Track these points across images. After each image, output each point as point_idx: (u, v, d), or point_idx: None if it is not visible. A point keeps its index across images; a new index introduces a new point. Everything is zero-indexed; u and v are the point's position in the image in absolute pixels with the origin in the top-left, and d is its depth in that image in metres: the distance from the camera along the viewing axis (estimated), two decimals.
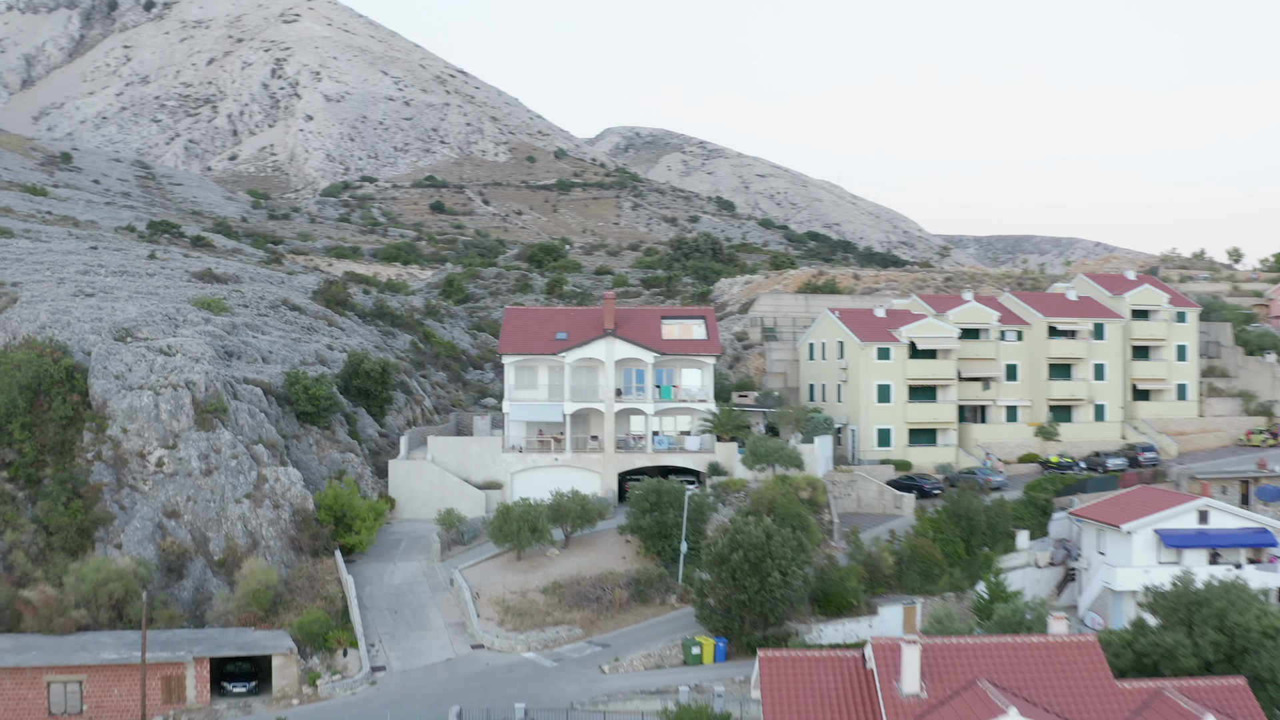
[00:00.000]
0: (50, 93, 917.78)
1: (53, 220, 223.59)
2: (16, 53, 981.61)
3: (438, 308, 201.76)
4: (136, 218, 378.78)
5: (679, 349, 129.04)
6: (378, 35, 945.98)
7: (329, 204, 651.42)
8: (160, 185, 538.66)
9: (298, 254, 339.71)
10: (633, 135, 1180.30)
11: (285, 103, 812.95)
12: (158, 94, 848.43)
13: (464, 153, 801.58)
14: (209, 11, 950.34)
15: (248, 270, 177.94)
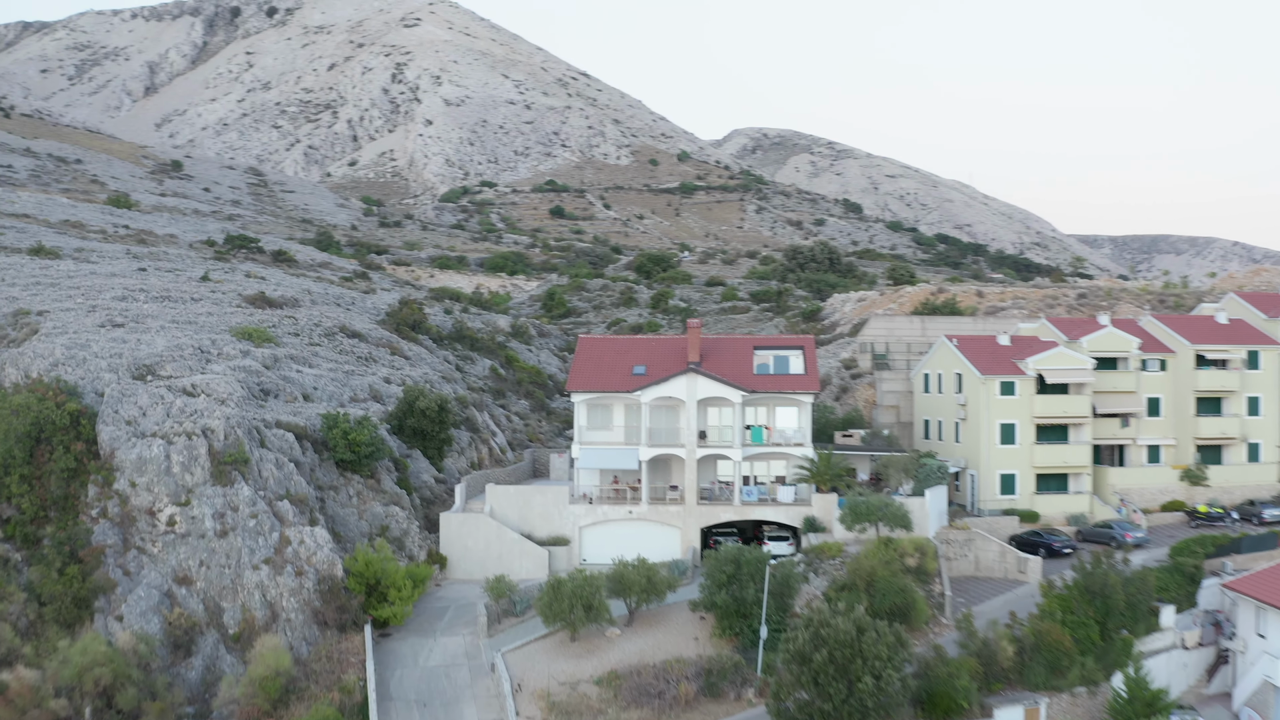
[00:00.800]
0: (172, 100, 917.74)
1: (127, 235, 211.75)
2: (140, 60, 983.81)
3: (524, 328, 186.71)
4: (227, 230, 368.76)
5: (772, 385, 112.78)
6: (499, 38, 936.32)
7: (446, 210, 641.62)
8: (272, 193, 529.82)
9: (400, 264, 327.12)
10: (760, 136, 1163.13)
11: (405, 107, 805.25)
12: (278, 100, 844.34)
13: (585, 156, 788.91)
14: (330, 17, 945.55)
15: (316, 291, 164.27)
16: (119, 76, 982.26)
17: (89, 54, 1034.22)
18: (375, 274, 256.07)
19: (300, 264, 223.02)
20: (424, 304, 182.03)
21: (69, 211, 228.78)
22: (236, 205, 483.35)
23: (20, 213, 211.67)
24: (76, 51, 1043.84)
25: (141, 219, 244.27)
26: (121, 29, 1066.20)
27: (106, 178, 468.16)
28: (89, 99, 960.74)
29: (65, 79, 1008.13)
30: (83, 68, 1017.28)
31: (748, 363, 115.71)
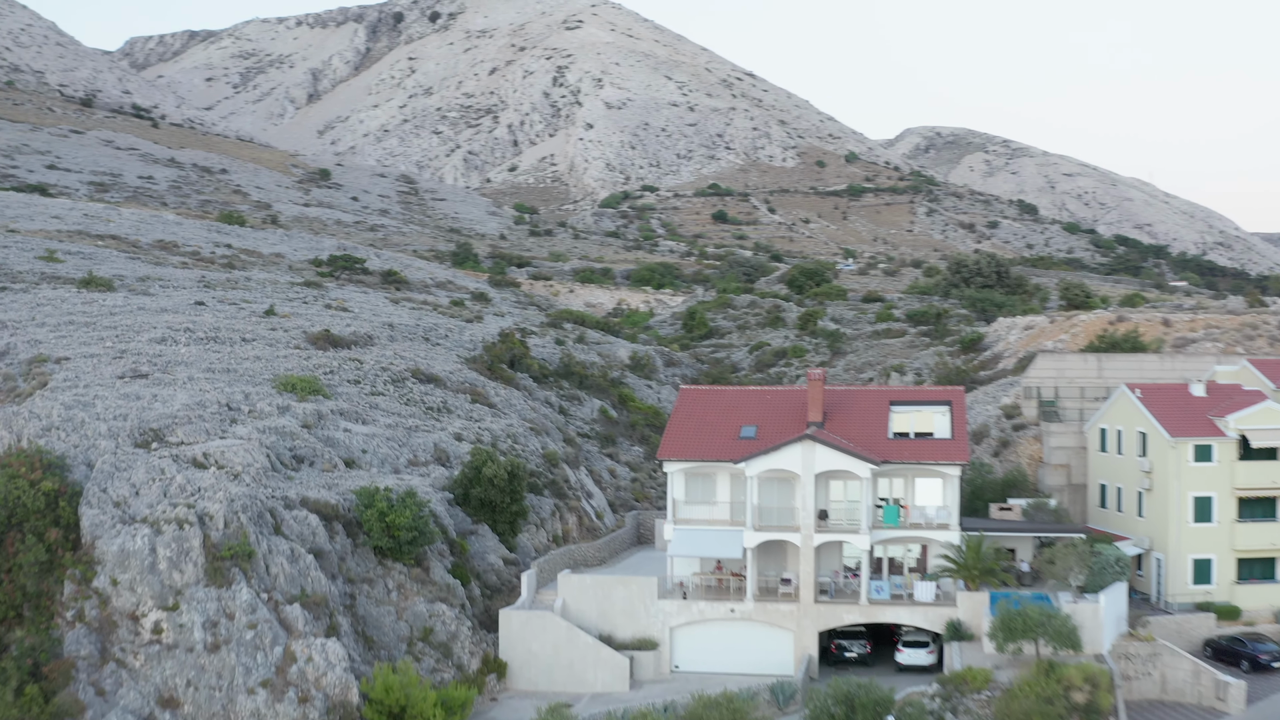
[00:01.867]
0: (335, 106, 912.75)
1: (220, 258, 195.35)
2: (304, 67, 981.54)
3: (646, 360, 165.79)
4: (345, 246, 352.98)
5: (911, 453, 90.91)
6: (663, 39, 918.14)
7: (605, 215, 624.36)
8: (422, 201, 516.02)
9: (539, 278, 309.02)
10: (933, 135, 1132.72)
11: (566, 111, 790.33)
12: (439, 105, 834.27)
13: (750, 159, 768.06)
14: (493, 20, 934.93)
15: (404, 323, 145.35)
16: (282, 84, 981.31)
17: (253, 62, 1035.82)
18: (503, 292, 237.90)
19: (413, 284, 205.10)
20: (535, 332, 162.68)
21: (169, 230, 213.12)
22: (384, 214, 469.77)
23: (112, 233, 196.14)
24: (241, 60, 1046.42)
25: (252, 236, 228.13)
26: (286, 36, 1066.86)
27: (250, 188, 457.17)
28: (252, 107, 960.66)
29: (230, 87, 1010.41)
30: (247, 76, 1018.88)
31: (881, 423, 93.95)
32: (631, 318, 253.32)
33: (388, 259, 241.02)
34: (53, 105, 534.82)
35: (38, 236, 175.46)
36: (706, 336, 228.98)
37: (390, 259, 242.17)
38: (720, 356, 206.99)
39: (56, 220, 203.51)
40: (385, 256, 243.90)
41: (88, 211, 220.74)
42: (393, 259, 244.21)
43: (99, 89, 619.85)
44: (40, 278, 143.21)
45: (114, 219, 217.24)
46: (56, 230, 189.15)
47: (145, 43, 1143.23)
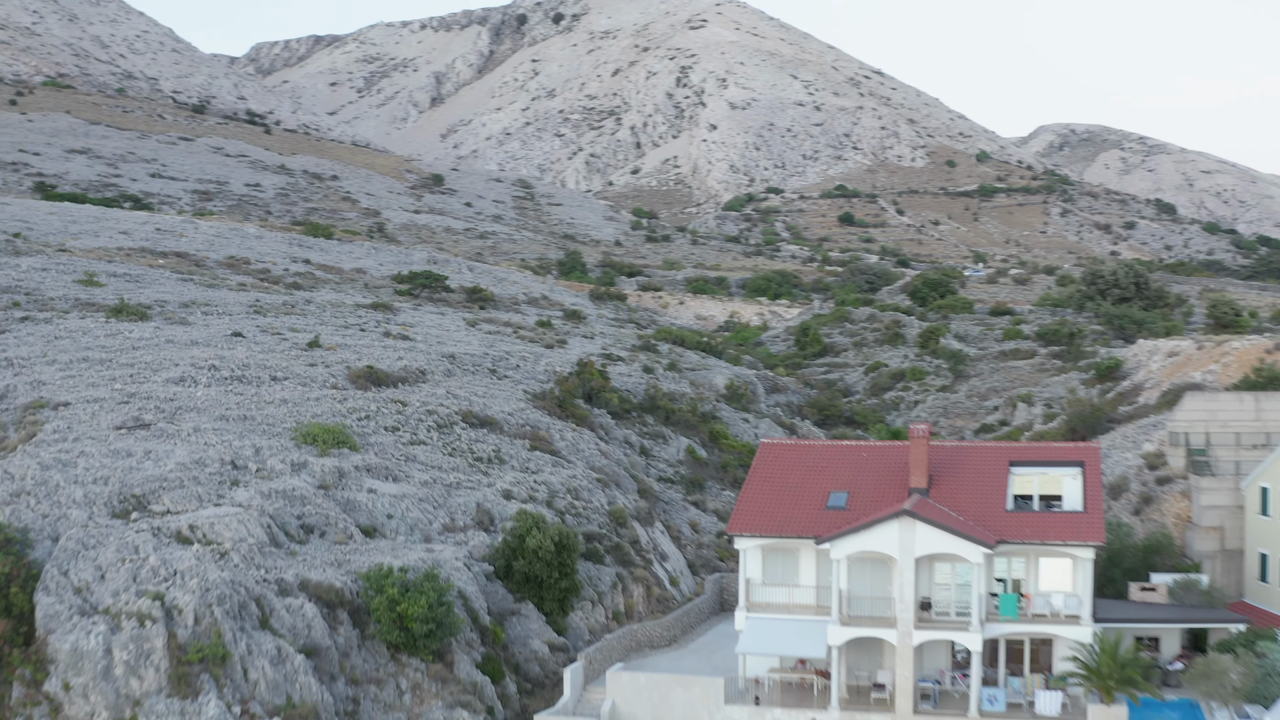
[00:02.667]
0: (458, 110, 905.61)
1: (301, 273, 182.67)
2: (427, 71, 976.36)
3: (744, 389, 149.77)
4: (435, 258, 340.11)
5: (1033, 531, 74.56)
6: (788, 37, 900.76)
7: (729, 219, 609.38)
8: (538, 206, 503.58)
9: (648, 290, 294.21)
10: (1067, 133, 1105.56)
11: (690, 112, 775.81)
12: (562, 108, 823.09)
13: (878, 159, 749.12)
14: (616, 21, 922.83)
15: (469, 352, 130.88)
16: (406, 88, 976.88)
17: (377, 66, 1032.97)
18: (603, 307, 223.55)
19: (500, 302, 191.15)
20: (622, 358, 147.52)
21: (245, 245, 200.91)
22: (497, 220, 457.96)
23: (180, 250, 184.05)
24: (365, 64, 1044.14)
25: (335, 250, 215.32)
26: (410, 40, 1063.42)
27: (360, 194, 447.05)
28: (375, 111, 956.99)
29: (354, 92, 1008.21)
30: (371, 80, 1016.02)
31: (998, 488, 77.76)
32: (741, 333, 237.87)
33: (481, 273, 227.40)
34: (163, 112, 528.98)
35: (91, 256, 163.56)
36: (820, 354, 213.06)
37: (485, 272, 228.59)
38: (833, 378, 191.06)
39: (123, 236, 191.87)
40: (479, 270, 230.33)
41: (161, 225, 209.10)
42: (488, 272, 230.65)
43: (213, 95, 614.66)
44: (72, 305, 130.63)
45: (187, 233, 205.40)
46: (118, 248, 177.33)
47: (271, 48, 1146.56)
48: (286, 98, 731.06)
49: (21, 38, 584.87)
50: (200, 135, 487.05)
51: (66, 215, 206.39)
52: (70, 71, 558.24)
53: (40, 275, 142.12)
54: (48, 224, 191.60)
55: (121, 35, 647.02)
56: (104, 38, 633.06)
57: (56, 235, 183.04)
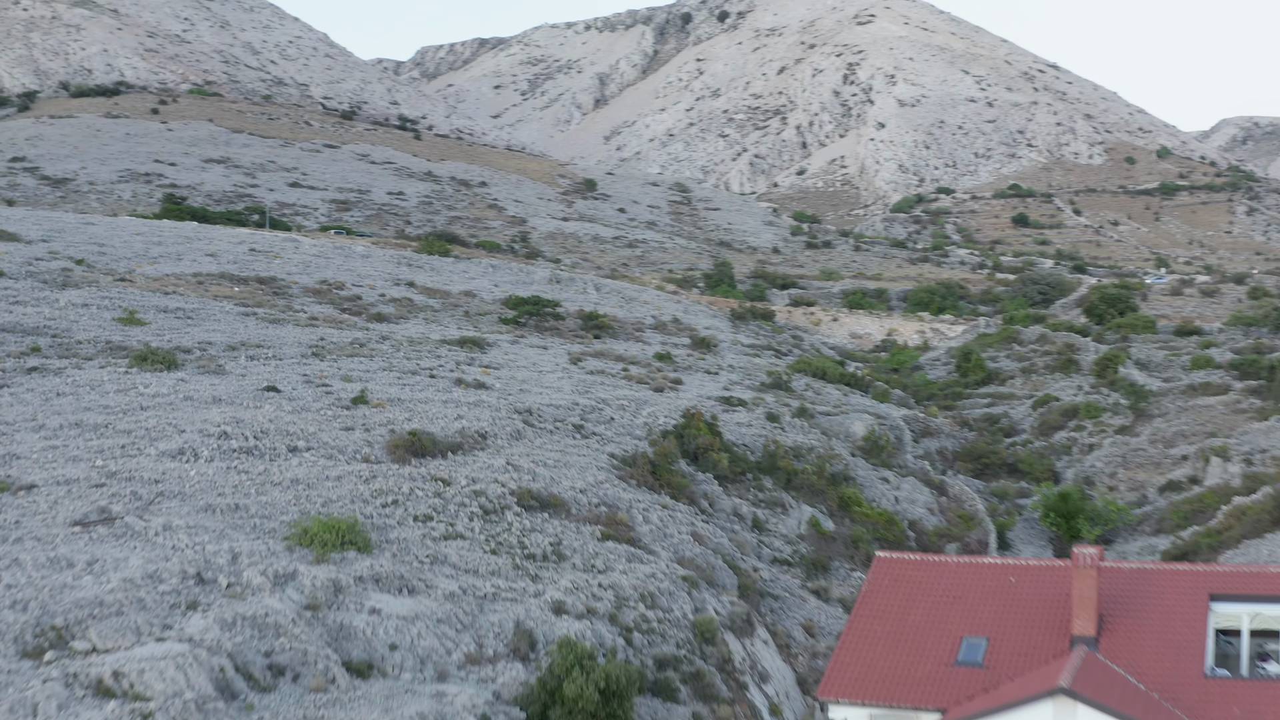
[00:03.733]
0: (621, 111, 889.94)
1: (399, 299, 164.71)
2: (591, 72, 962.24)
3: (883, 440, 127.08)
4: (606, 264, 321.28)
5: (1248, 708, 52.79)
6: (959, 31, 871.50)
7: (897, 221, 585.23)
8: (694, 210, 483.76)
9: (800, 304, 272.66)
10: (1251, 126, 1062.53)
11: (857, 110, 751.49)
12: (726, 108, 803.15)
13: (1053, 156, 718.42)
14: (782, 18, 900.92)
15: (553, 406, 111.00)
16: (569, 90, 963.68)
17: (541, 68, 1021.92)
18: (744, 330, 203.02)
19: (620, 327, 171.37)
20: (743, 403, 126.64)
21: (345, 267, 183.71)
22: (650, 227, 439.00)
23: (267, 275, 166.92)
24: (529, 66, 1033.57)
25: (448, 270, 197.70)
26: (574, 41, 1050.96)
27: (508, 202, 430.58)
28: (539, 114, 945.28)
29: (518, 94, 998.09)
30: (535, 82, 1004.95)
31: (1194, 638, 55.87)
32: (898, 355, 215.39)
33: (609, 293, 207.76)
34: (310, 119, 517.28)
35: (155, 287, 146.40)
36: (984, 382, 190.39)
37: (612, 292, 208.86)
38: (996, 413, 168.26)
39: (209, 259, 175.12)
40: (606, 290, 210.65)
41: (256, 245, 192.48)
42: (616, 292, 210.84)
43: (364, 101, 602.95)
44: (100, 350, 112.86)
45: (285, 253, 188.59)
46: (193, 274, 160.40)
47: (435, 52, 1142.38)
48: (441, 102, 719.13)
49: (170, 45, 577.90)
50: (346, 142, 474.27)
51: (153, 236, 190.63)
52: (218, 79, 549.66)
53: (78, 313, 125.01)
54: (127, 246, 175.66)
55: (274, 41, 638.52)
56: (255, 44, 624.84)
57: (131, 260, 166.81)
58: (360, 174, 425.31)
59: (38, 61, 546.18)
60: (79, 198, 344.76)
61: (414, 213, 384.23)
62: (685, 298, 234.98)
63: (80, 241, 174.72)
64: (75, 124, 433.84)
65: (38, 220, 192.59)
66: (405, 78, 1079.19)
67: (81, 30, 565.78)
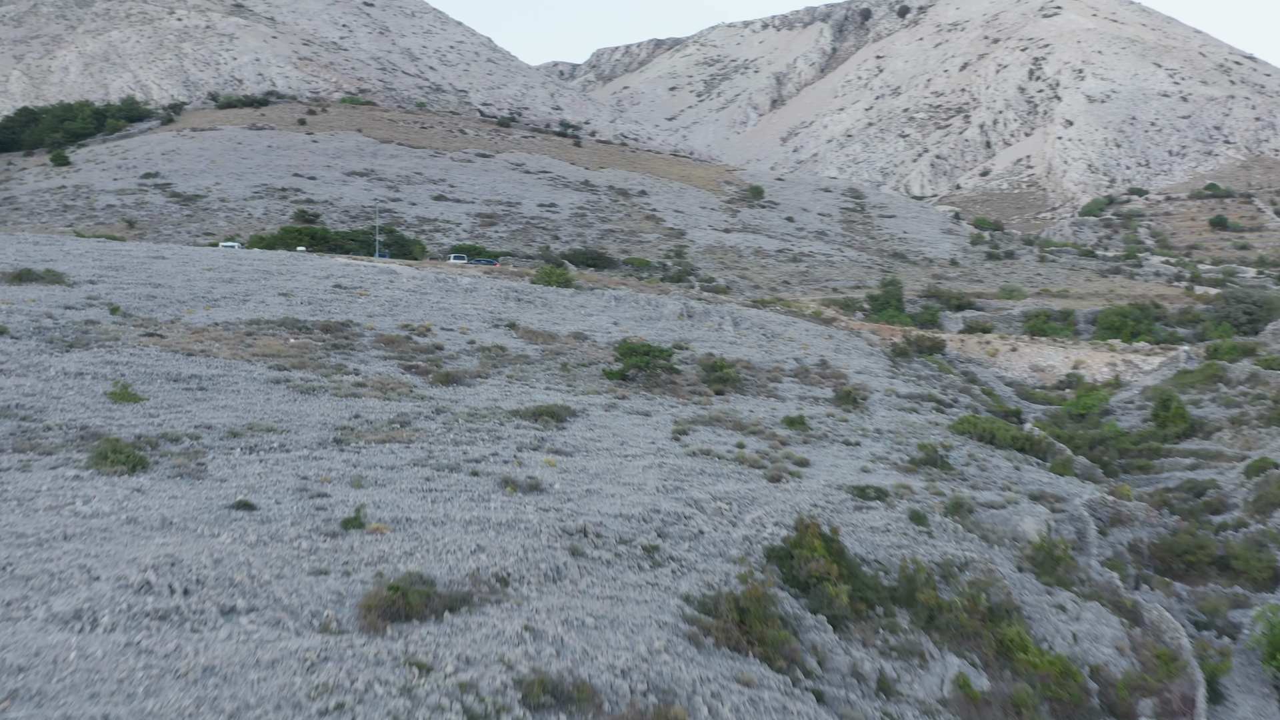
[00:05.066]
0: (799, 111, 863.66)
1: (489, 350, 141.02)
2: (768, 72, 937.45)
3: (1060, 553, 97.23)
4: (765, 283, 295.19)
5: None
6: (1150, 22, 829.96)
7: (1086, 225, 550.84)
8: (867, 218, 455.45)
9: (975, 331, 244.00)
10: None
11: (1043, 107, 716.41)
12: (906, 106, 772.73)
13: (1252, 153, 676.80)
14: (965, 13, 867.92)
15: (642, 501, 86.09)
16: (746, 90, 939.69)
17: (718, 69, 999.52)
18: (904, 372, 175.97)
19: (751, 376, 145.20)
20: (883, 495, 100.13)
21: (441, 305, 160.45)
22: (819, 237, 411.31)
23: (336, 320, 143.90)
24: (705, 67, 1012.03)
25: (561, 304, 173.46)
26: (751, 40, 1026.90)
27: (667, 212, 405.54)
28: (715, 115, 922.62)
29: (693, 95, 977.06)
30: (711, 83, 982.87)
31: None
32: (1084, 399, 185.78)
33: (749, 328, 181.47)
34: (465, 127, 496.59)
35: (193, 340, 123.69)
36: (1186, 434, 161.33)
37: (754, 327, 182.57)
38: (1201, 480, 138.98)
39: (281, 299, 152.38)
40: (747, 325, 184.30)
41: (344, 279, 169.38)
42: (759, 326, 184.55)
43: (525, 106, 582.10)
44: (71, 438, 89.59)
45: (374, 289, 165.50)
46: (250, 320, 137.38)
47: (611, 54, 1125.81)
48: (606, 107, 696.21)
49: (325, 53, 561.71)
50: (501, 150, 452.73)
51: (226, 271, 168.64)
52: (372, 86, 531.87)
53: (65, 386, 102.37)
54: (188, 287, 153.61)
55: (434, 47, 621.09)
56: (414, 50, 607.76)
57: (184, 304, 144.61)
58: (511, 184, 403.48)
59: (188, 72, 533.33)
60: (206, 216, 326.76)
61: (564, 226, 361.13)
62: (840, 328, 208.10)
63: (134, 282, 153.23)
64: (216, 137, 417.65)
65: (99, 255, 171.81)
66: (579, 81, 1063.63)
67: (235, 39, 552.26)
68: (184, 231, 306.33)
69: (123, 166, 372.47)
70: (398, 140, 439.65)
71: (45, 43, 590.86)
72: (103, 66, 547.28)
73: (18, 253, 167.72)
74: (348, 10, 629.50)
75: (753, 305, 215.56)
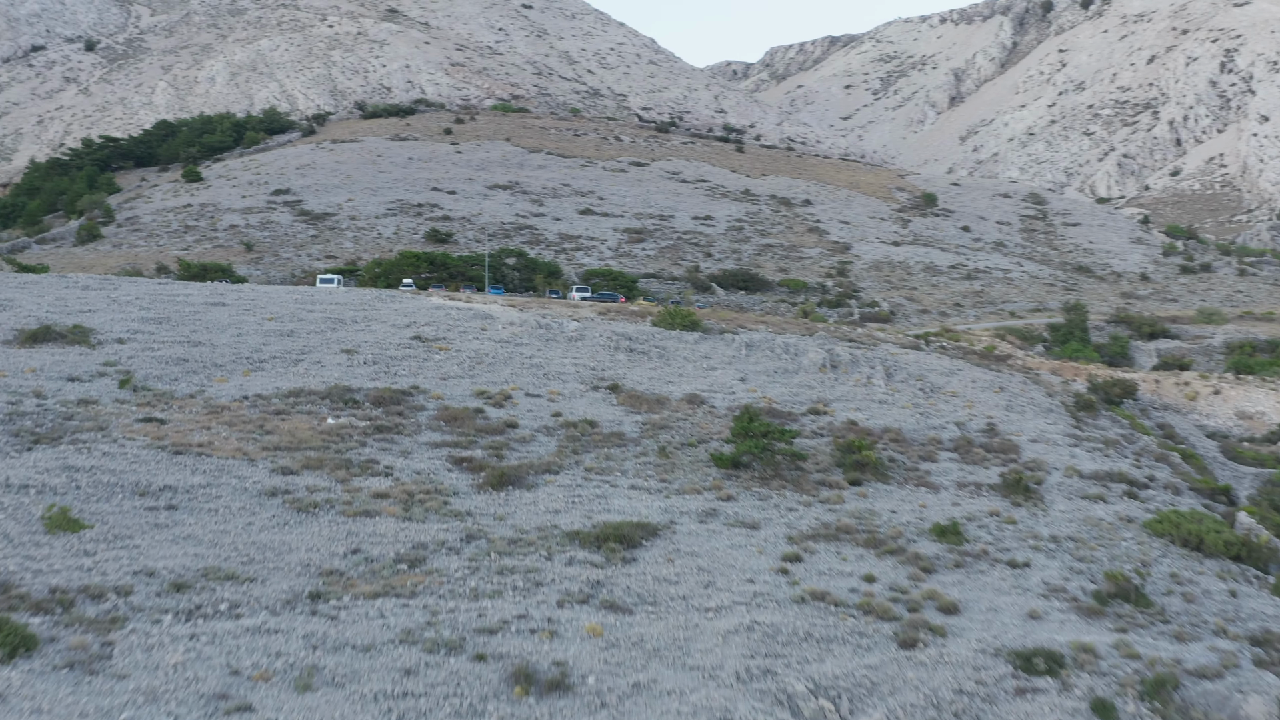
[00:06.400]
0: (978, 109, 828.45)
1: (564, 430, 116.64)
2: (946, 68, 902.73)
3: None
4: (938, 304, 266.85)
5: None
6: None
7: None
8: (1050, 226, 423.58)
9: (1171, 368, 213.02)
10: None
11: (1236, 102, 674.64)
12: (1091, 102, 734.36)
13: None
14: (1151, 2, 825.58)
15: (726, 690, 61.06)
16: (923, 88, 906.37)
17: (894, 65, 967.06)
18: (1088, 431, 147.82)
19: (894, 463, 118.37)
20: (1054, 666, 73.16)
21: (535, 360, 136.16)
22: (998, 249, 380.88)
23: (405, 386, 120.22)
24: (881, 64, 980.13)
25: (680, 355, 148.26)
26: (929, 36, 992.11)
27: (832, 224, 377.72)
28: (891, 114, 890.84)
29: (869, 94, 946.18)
30: (887, 81, 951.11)
31: None
32: None
33: (904, 377, 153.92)
34: (621, 133, 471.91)
35: (183, 435, 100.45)
36: None
37: (909, 378, 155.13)
38: None
39: (343, 358, 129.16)
40: (903, 374, 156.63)
41: (428, 329, 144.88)
42: (917, 375, 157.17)
43: (687, 110, 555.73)
44: None
45: (463, 339, 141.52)
46: (293, 390, 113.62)
47: (785, 52, 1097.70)
48: (773, 109, 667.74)
49: (479, 58, 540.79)
50: (657, 158, 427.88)
51: (296, 316, 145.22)
52: (526, 92, 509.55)
53: None
54: (234, 345, 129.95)
55: (593, 49, 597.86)
56: (573, 53, 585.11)
57: (221, 368, 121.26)
58: (666, 195, 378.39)
59: (335, 81, 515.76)
60: (333, 236, 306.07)
61: (719, 241, 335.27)
62: (1015, 369, 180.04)
63: (172, 340, 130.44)
64: (355, 149, 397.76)
65: (149, 302, 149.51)
66: (753, 80, 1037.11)
67: (385, 46, 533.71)
68: (304, 254, 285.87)
69: (254, 182, 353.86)
70: (547, 149, 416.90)
71: (194, 52, 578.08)
72: (249, 76, 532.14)
73: (55, 302, 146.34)
74: (505, 13, 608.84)
75: (914, 344, 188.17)
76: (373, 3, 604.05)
